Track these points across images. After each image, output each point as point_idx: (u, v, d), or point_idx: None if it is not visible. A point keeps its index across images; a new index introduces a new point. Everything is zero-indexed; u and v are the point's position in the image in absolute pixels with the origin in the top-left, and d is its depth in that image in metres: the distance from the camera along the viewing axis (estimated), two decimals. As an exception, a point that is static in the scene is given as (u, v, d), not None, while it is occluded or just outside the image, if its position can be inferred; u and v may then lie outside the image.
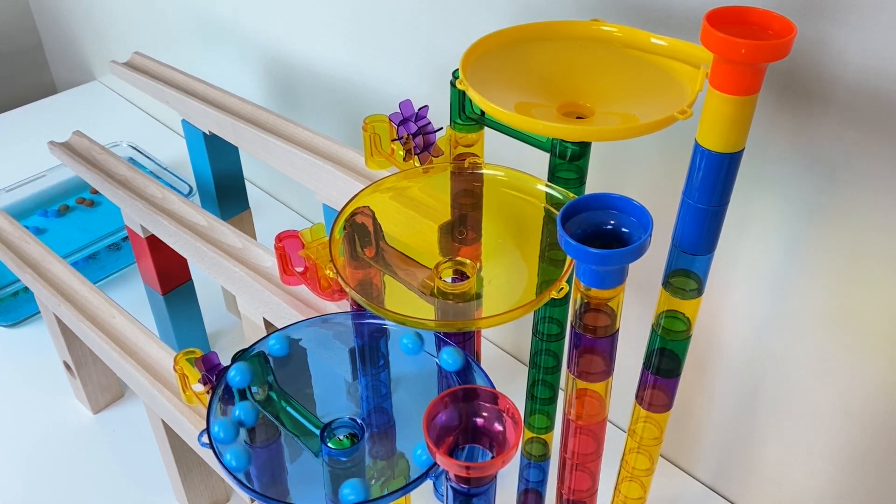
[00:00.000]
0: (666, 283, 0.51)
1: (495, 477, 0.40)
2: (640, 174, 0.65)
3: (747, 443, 0.69)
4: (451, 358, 0.46)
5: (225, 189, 0.86)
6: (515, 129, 0.51)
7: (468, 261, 0.49)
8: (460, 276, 0.49)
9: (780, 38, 0.41)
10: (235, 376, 0.47)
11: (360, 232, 0.51)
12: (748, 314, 0.63)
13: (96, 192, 1.08)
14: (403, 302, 0.48)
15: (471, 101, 0.52)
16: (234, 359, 0.49)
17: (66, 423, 0.81)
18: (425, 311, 0.47)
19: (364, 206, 0.51)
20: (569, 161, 0.49)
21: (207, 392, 0.53)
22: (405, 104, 0.55)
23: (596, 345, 0.44)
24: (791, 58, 0.42)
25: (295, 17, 0.91)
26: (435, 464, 0.40)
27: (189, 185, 1.02)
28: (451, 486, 0.40)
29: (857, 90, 0.49)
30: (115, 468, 0.76)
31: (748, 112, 0.43)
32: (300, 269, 0.54)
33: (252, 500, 0.60)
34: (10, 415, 0.82)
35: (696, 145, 0.45)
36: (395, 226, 0.51)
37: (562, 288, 0.44)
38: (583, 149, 0.48)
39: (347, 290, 0.46)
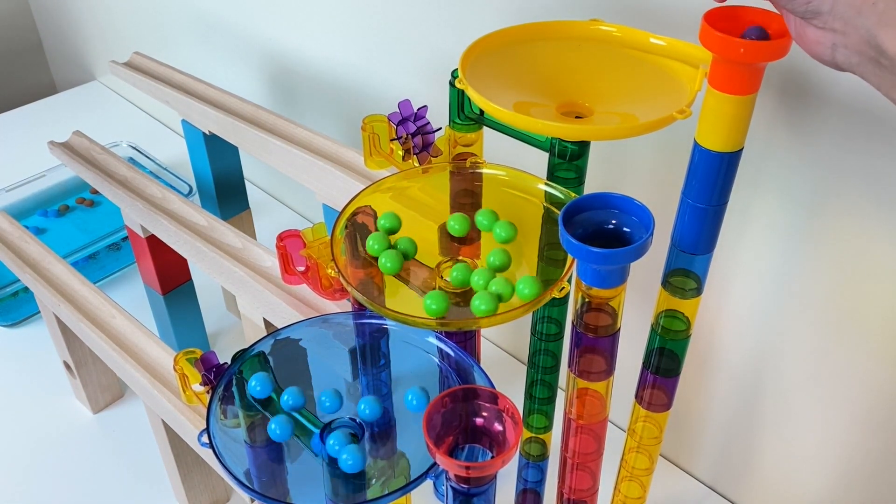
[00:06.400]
0: (665, 283, 0.51)
1: (495, 477, 0.41)
2: (639, 174, 0.65)
3: (747, 443, 0.69)
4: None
5: (225, 189, 0.86)
6: (514, 129, 0.51)
7: (469, 260, 0.49)
8: (461, 275, 0.49)
9: (778, 37, 0.41)
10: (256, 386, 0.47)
11: (361, 231, 0.51)
12: (748, 313, 0.63)
13: (96, 192, 1.08)
14: (404, 301, 0.48)
15: (470, 100, 0.52)
16: (234, 359, 0.49)
17: (66, 423, 0.81)
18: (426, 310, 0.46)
19: (365, 206, 0.51)
20: (568, 160, 0.49)
21: (207, 392, 0.53)
22: (404, 104, 0.55)
23: (597, 344, 0.45)
24: (790, 57, 0.42)
25: (295, 17, 0.91)
26: (435, 463, 0.40)
27: (189, 185, 1.02)
28: (451, 486, 0.40)
29: (857, 90, 0.49)
30: (115, 468, 0.76)
31: (747, 111, 0.43)
32: (301, 269, 0.54)
33: (252, 500, 0.60)
34: (10, 415, 0.82)
35: (695, 145, 0.45)
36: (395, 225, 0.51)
37: (563, 287, 0.44)
38: (582, 148, 0.49)
39: (349, 289, 0.46)
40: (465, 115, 0.53)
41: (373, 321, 0.51)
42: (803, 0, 0.35)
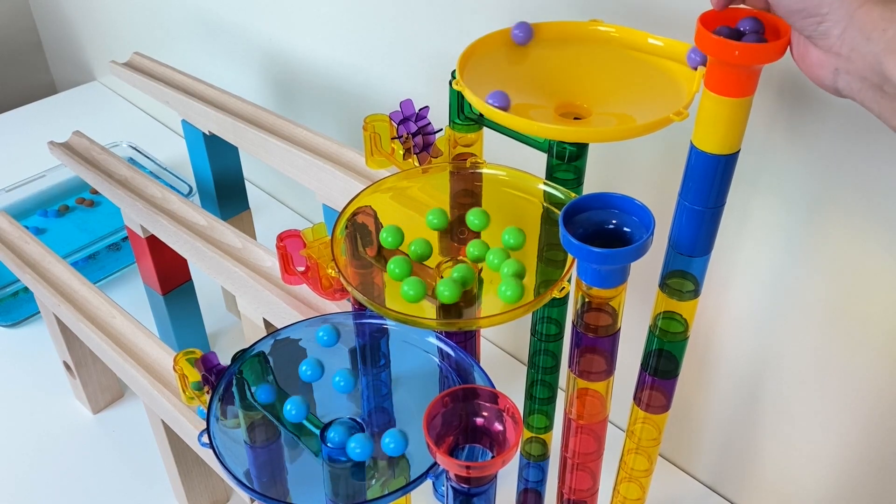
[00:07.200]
0: (663, 285, 0.51)
1: (495, 476, 0.41)
2: (637, 175, 0.65)
3: (747, 443, 0.69)
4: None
5: (225, 189, 0.86)
6: (513, 130, 0.51)
7: (469, 260, 0.49)
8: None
9: (774, 39, 0.41)
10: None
11: (361, 231, 0.51)
12: (746, 315, 0.63)
13: (96, 192, 1.08)
14: (405, 301, 0.48)
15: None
16: (234, 359, 0.49)
17: (66, 423, 0.81)
18: (426, 310, 0.47)
19: (366, 206, 0.51)
20: (567, 162, 0.49)
21: (207, 392, 0.53)
22: (406, 103, 0.55)
23: (597, 344, 0.45)
24: (787, 59, 0.42)
25: (295, 17, 0.91)
26: (435, 463, 0.40)
27: (189, 185, 1.02)
28: (452, 486, 0.40)
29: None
30: (115, 468, 0.77)
31: (743, 114, 0.43)
32: (301, 269, 0.54)
33: (252, 500, 0.60)
34: (10, 415, 0.82)
35: (692, 147, 0.45)
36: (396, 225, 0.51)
37: (563, 287, 0.44)
38: (580, 149, 0.49)
39: (349, 289, 0.46)
40: (465, 115, 0.54)
41: (373, 321, 0.51)
42: (815, 20, 0.35)
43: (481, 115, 0.53)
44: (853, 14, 0.34)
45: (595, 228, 0.41)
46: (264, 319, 0.63)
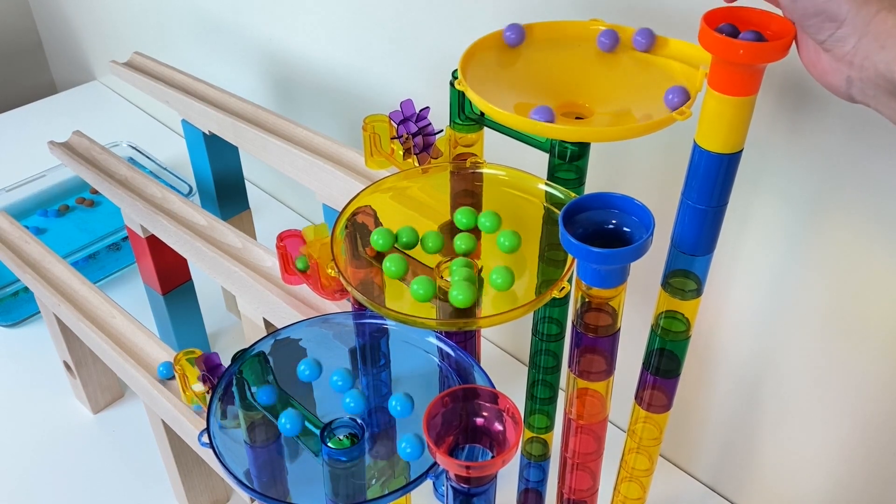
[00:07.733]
0: (665, 284, 0.51)
1: (495, 476, 0.41)
2: (640, 174, 0.65)
3: (747, 443, 0.69)
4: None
5: (225, 189, 0.86)
6: (515, 130, 0.51)
7: (469, 260, 0.49)
8: (460, 275, 0.49)
9: (778, 38, 0.41)
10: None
11: (361, 231, 0.51)
12: (748, 314, 0.63)
13: (96, 192, 1.08)
14: (404, 301, 0.48)
15: (470, 101, 0.52)
16: (234, 359, 0.49)
17: (66, 423, 0.81)
18: (426, 310, 0.47)
19: (365, 206, 0.51)
20: (568, 161, 0.49)
21: (207, 392, 0.53)
22: (406, 104, 0.55)
23: (597, 344, 0.45)
24: (790, 58, 0.42)
25: (295, 17, 0.91)
26: (435, 463, 0.40)
27: (189, 185, 1.02)
28: (452, 486, 0.40)
29: (857, 90, 0.49)
30: (115, 468, 0.77)
31: (747, 113, 0.43)
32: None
33: (252, 500, 0.60)
34: (10, 415, 0.82)
35: (695, 146, 0.45)
36: (396, 225, 0.51)
37: (563, 287, 0.44)
38: (582, 149, 0.49)
39: (349, 288, 0.46)
40: (466, 115, 0.53)
41: (373, 321, 0.51)
42: (833, 25, 0.34)
43: (482, 114, 0.53)
44: (870, 22, 0.33)
45: (595, 228, 0.41)
46: (264, 319, 0.63)
